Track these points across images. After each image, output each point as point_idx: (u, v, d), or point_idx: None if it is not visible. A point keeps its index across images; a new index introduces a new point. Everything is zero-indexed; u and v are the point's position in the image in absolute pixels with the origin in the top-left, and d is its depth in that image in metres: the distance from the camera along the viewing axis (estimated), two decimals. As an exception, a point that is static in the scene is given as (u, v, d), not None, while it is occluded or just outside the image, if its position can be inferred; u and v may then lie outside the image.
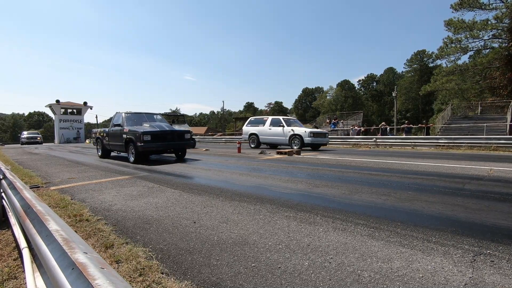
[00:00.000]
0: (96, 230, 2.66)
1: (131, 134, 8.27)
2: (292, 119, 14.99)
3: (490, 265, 1.87)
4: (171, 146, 8.73)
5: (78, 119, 43.74)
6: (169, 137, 8.59)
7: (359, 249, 2.16)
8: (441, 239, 2.31)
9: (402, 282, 1.68)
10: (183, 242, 2.37)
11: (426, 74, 56.67)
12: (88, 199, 3.99)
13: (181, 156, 9.62)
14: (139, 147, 7.96)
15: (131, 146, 8.40)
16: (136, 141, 8.02)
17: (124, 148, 8.77)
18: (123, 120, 9.10)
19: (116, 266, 1.96)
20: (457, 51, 27.39)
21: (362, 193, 4.05)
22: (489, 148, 13.33)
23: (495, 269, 1.81)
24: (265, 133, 14.38)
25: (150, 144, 8.01)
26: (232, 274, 1.83)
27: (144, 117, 9.64)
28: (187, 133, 9.20)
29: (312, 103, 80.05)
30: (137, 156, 8.28)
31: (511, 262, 1.90)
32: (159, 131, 8.34)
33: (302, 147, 12.79)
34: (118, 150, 9.62)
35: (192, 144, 9.48)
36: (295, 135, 12.95)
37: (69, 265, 0.91)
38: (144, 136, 7.91)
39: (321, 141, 13.41)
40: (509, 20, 24.33)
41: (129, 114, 9.50)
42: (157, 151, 8.67)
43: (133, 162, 8.32)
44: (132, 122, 9.15)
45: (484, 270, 1.80)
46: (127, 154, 8.69)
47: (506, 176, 5.28)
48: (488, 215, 2.92)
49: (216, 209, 3.35)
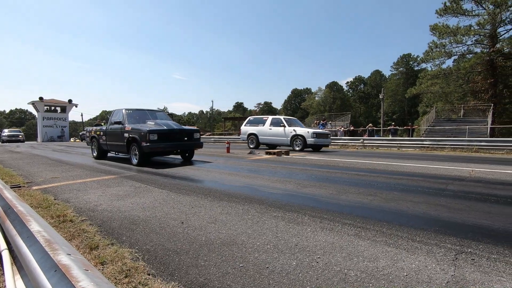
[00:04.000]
0: (80, 231, 2.59)
1: (135, 133, 7.44)
2: (293, 119, 14.67)
3: (471, 263, 1.93)
4: (179, 147, 7.97)
5: (63, 117, 42.58)
6: (178, 137, 7.83)
7: (346, 248, 2.19)
8: (425, 238, 2.37)
9: (387, 280, 1.71)
10: (171, 243, 2.34)
11: (411, 77, 58.09)
12: (72, 199, 3.89)
13: (189, 157, 8.84)
14: (144, 147, 7.15)
15: (134, 146, 7.57)
16: (141, 141, 7.20)
17: (126, 148, 7.88)
18: (124, 118, 8.22)
19: (101, 268, 1.92)
20: (441, 55, 28.16)
21: (349, 193, 4.11)
22: (471, 150, 13.77)
23: (475, 267, 1.87)
24: (265, 133, 13.94)
25: (157, 144, 7.20)
26: (220, 274, 1.82)
27: (147, 114, 8.81)
28: (196, 132, 8.47)
29: (301, 104, 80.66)
30: (141, 158, 7.41)
31: (490, 260, 1.97)
32: (167, 130, 7.57)
33: (305, 148, 12.49)
34: (117, 151, 8.80)
35: (200, 145, 8.59)
36: (297, 135, 12.62)
37: (52, 267, 0.89)
38: (151, 135, 7.10)
39: (324, 142, 13.08)
40: (490, 27, 25.24)
41: (130, 110, 8.63)
42: (164, 152, 7.92)
43: (136, 165, 7.46)
44: (134, 119, 8.31)
45: (465, 268, 1.85)
46: (129, 156, 7.84)
47: (487, 177, 5.46)
48: (469, 215, 3.02)
49: (204, 209, 3.33)
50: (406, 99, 53.84)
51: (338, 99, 70.13)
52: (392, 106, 63.55)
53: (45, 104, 40.77)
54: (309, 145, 12.37)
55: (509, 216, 2.97)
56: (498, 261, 1.96)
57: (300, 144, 12.53)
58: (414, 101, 54.10)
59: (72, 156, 11.06)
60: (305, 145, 12.41)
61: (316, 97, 76.88)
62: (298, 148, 12.57)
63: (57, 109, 42.77)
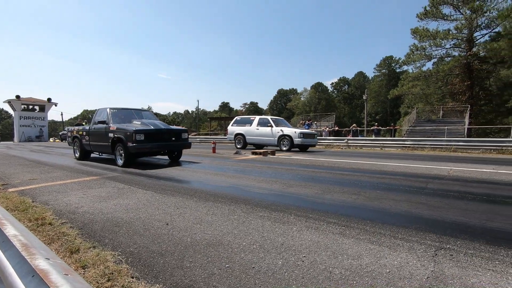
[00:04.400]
0: (60, 234, 2.50)
1: (120, 133, 7.20)
2: (280, 119, 14.68)
3: (450, 258, 2.00)
4: (167, 147, 7.79)
5: (41, 116, 41.08)
6: (165, 137, 7.64)
7: (331, 247, 2.22)
8: (407, 236, 2.44)
9: (370, 277, 1.75)
10: (155, 245, 2.30)
11: (394, 79, 59.73)
12: (51, 201, 3.75)
13: (176, 158, 8.62)
14: (130, 148, 6.92)
15: (120, 147, 7.32)
16: (127, 141, 6.97)
17: (110, 149, 7.62)
18: (109, 117, 7.92)
19: (82, 272, 1.86)
20: (422, 58, 29.13)
21: (334, 192, 4.17)
22: (449, 149, 14.30)
23: (454, 262, 1.94)
24: (252, 133, 13.89)
25: (144, 145, 7.00)
26: (206, 275, 1.81)
27: (133, 114, 8.56)
28: (184, 132, 8.28)
29: (287, 104, 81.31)
30: (127, 159, 7.19)
31: (467, 255, 2.05)
32: (154, 130, 7.37)
33: (292, 148, 12.52)
34: (101, 152, 8.52)
35: (189, 145, 8.39)
36: (285, 135, 12.64)
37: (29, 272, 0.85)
38: (137, 135, 6.88)
39: (311, 142, 13.17)
40: (467, 31, 26.31)
41: (115, 110, 8.34)
42: (151, 152, 7.76)
43: (121, 166, 7.22)
44: (120, 119, 8.04)
45: (444, 264, 1.92)
46: (114, 156, 7.58)
47: (464, 176, 5.69)
48: (448, 212, 3.13)
49: (189, 210, 3.29)
50: (389, 100, 55.32)
51: (323, 99, 71.17)
52: (375, 107, 65.13)
53: (22, 103, 39.22)
54: (296, 145, 12.42)
55: (484, 213, 3.10)
56: (474, 256, 2.04)
57: (287, 144, 12.55)
58: (396, 102, 55.64)
59: (51, 157, 10.68)
60: (292, 145, 12.44)
61: (301, 98, 77.73)
62: (285, 148, 12.59)
63: (35, 108, 41.22)
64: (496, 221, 2.83)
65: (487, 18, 25.30)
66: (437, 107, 28.63)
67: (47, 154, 12.30)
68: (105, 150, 8.09)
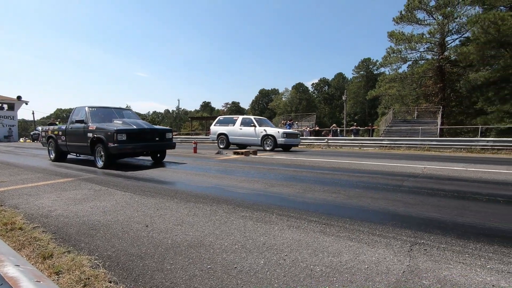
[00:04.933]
0: (31, 239, 2.38)
1: (100, 133, 6.84)
2: (263, 119, 14.64)
3: (424, 253, 2.09)
4: (151, 147, 7.45)
5: (10, 115, 38.94)
6: (149, 137, 7.34)
7: (312, 245, 2.26)
8: (384, 232, 2.52)
9: (350, 273, 1.80)
10: (134, 247, 2.24)
11: (371, 80, 61.61)
12: (22, 205, 3.56)
13: (160, 159, 8.32)
14: (111, 148, 6.59)
15: (100, 147, 6.97)
16: (108, 142, 6.63)
17: (90, 149, 7.25)
18: (88, 116, 7.53)
19: (56, 278, 1.78)
20: (398, 61, 30.23)
21: (314, 191, 4.24)
22: (423, 148, 14.94)
23: (427, 257, 2.03)
24: (236, 133, 13.79)
25: (126, 145, 6.68)
26: (187, 277, 1.78)
27: (113, 113, 8.18)
28: (168, 132, 7.99)
29: (268, 104, 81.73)
30: (107, 160, 6.87)
31: (440, 249, 2.15)
32: (136, 129, 7.07)
33: (275, 148, 12.49)
34: (79, 153, 8.15)
35: (173, 145, 8.14)
36: (268, 135, 12.60)
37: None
38: (119, 135, 6.56)
39: (294, 142, 13.22)
40: (439, 36, 27.59)
41: (94, 108, 7.94)
42: (134, 153, 7.41)
43: (102, 167, 6.89)
44: (99, 118, 7.66)
45: (419, 258, 2.01)
46: (94, 158, 7.21)
47: (437, 174, 5.96)
48: (422, 209, 3.27)
49: (170, 211, 3.23)
50: (367, 101, 56.98)
51: (304, 100, 72.21)
52: (354, 107, 66.85)
53: (-11, 101, 36.95)
54: (279, 145, 12.42)
55: (455, 209, 3.27)
56: (446, 250, 2.14)
57: (271, 144, 12.52)
58: (374, 103, 57.40)
59: (22, 158, 10.14)
60: (276, 145, 12.43)
61: (283, 98, 78.43)
62: (269, 148, 12.57)
63: (4, 106, 38.99)
64: (465, 216, 2.98)
65: (457, 23, 26.68)
66: (412, 108, 29.82)
67: (17, 155, 11.66)
68: (83, 151, 7.69)
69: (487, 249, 2.15)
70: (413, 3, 27.34)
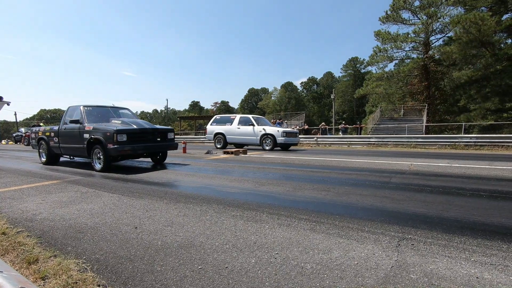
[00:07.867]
0: (15, 244, 2.31)
1: (98, 134, 6.43)
2: (261, 118, 14.32)
3: (411, 248, 2.14)
4: (152, 148, 7.04)
5: (-9, 117, 37.51)
6: (150, 137, 6.96)
7: (302, 243, 2.27)
8: (372, 228, 2.57)
9: (340, 270, 1.82)
10: (123, 250, 2.20)
11: (359, 79, 62.52)
12: (4, 208, 3.45)
13: (161, 160, 8.02)
14: (111, 150, 6.18)
15: (98, 149, 6.56)
16: (107, 143, 6.23)
17: (86, 151, 6.81)
18: (83, 116, 7.07)
19: (41, 283, 1.74)
20: (384, 60, 30.76)
21: (304, 189, 4.27)
22: (410, 145, 15.27)
23: (415, 251, 2.08)
24: (233, 132, 13.43)
25: (126, 146, 6.29)
26: (178, 278, 1.77)
27: (110, 112, 7.76)
28: (170, 132, 7.61)
29: (258, 103, 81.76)
30: (106, 162, 6.45)
31: (427, 244, 2.21)
32: (137, 129, 6.69)
33: (275, 147, 12.24)
34: (73, 155, 7.66)
35: (175, 146, 7.72)
36: (267, 134, 12.30)
37: (-21, 287, 0.78)
38: (119, 135, 6.17)
39: (293, 141, 13.01)
40: (424, 35, 28.21)
41: (90, 108, 7.46)
42: (135, 154, 7.01)
43: (100, 170, 6.48)
44: (96, 118, 7.24)
45: (407, 253, 2.05)
46: (91, 160, 6.79)
47: (423, 170, 6.10)
48: (409, 205, 3.34)
49: (159, 212, 3.19)
50: (355, 99, 57.83)
51: (293, 98, 72.64)
52: (342, 106, 67.70)
53: (-32, 102, 35.53)
54: (279, 144, 12.15)
55: (440, 204, 3.35)
56: (433, 244, 2.20)
57: (270, 143, 12.22)
58: (362, 101, 58.30)
59: (4, 161, 9.80)
60: (275, 144, 12.15)
61: (272, 97, 78.61)
62: (268, 147, 12.24)
63: (-17, 107, 37.53)
64: (451, 211, 3.07)
65: (441, 23, 27.34)
66: (398, 106, 30.43)
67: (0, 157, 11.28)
68: (79, 153, 7.21)
69: (471, 243, 2.22)
70: (398, 3, 27.88)
